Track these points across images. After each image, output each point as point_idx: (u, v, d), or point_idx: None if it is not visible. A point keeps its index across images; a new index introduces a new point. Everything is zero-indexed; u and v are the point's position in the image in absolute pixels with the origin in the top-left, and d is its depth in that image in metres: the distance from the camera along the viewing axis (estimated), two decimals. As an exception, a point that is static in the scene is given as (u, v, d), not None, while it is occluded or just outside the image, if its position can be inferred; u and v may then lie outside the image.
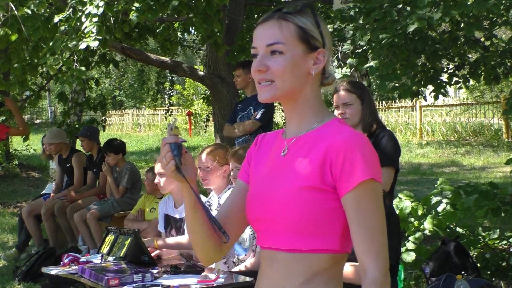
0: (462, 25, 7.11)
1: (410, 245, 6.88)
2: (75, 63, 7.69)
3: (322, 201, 2.18)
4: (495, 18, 7.00)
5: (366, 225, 2.15)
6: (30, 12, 7.96)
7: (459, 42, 7.55)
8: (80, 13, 7.45)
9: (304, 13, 2.30)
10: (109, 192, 9.27)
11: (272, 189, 2.27)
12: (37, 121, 39.54)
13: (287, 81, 2.25)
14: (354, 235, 2.17)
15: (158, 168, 6.10)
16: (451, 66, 8.03)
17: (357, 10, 6.86)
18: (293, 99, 2.31)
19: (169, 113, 18.95)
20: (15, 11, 7.71)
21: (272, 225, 2.25)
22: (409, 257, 6.81)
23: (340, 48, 7.28)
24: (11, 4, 7.68)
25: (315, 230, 2.19)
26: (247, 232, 5.23)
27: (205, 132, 28.17)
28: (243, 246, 5.27)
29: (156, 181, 6.12)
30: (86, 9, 7.36)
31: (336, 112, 5.23)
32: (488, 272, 6.95)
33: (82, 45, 7.27)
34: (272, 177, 2.31)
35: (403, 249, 6.75)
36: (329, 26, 7.41)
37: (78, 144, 11.40)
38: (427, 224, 6.91)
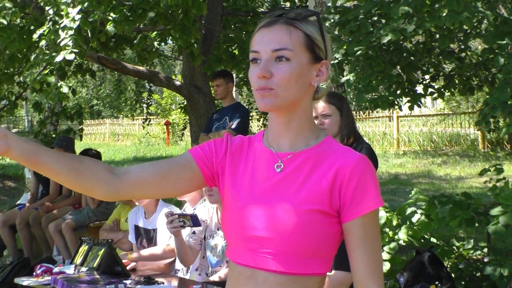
0: (437, 36, 7.17)
1: (384, 255, 6.89)
2: (57, 79, 7.68)
3: (326, 225, 2.12)
4: (468, 31, 7.06)
5: (371, 250, 2.13)
6: (5, 22, 7.92)
7: (433, 53, 7.60)
8: (57, 26, 7.43)
9: (310, 21, 2.19)
10: (84, 202, 9.23)
11: (273, 208, 2.14)
12: (14, 130, 39.33)
13: (290, 90, 2.12)
14: (357, 260, 2.14)
15: None
16: (426, 77, 8.09)
17: (332, 21, 6.90)
18: (291, 111, 2.19)
19: (147, 122, 18.88)
20: (-12, 22, 7.69)
21: (270, 245, 2.13)
22: (384, 267, 6.82)
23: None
24: (-16, 14, 7.66)
25: (314, 254, 2.13)
26: (221, 243, 5.23)
27: (181, 140, 28.09)
28: (216, 258, 5.27)
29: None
30: (63, 22, 7.34)
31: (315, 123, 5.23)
32: (463, 282, 6.98)
33: (58, 58, 7.25)
34: (271, 195, 2.17)
35: (377, 259, 6.76)
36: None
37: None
38: (402, 234, 6.92)
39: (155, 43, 12.18)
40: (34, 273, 5.70)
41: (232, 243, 2.26)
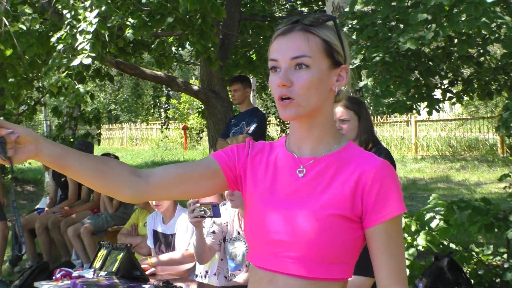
0: (456, 40, 7.14)
1: (403, 260, 6.87)
2: (74, 81, 7.70)
3: (348, 231, 2.10)
4: (487, 36, 7.03)
5: (395, 256, 2.12)
6: (24, 28, 7.97)
7: (452, 58, 7.57)
8: (75, 30, 7.46)
9: (328, 26, 2.18)
10: (102, 206, 9.26)
11: (295, 212, 2.14)
12: (32, 135, 39.44)
13: (311, 98, 2.12)
14: (381, 266, 2.13)
15: None
16: (445, 82, 8.05)
17: (350, 26, 6.88)
18: (313, 117, 2.18)
19: (166, 126, 18.93)
20: (8, 27, 7.72)
21: (290, 249, 2.13)
22: (403, 272, 6.79)
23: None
24: (5, 19, 7.69)
25: (336, 259, 2.11)
26: (241, 248, 5.22)
27: (198, 144, 28.16)
28: (235, 262, 5.26)
29: (154, 203, 6.09)
30: (80, 26, 7.37)
31: None
32: (481, 288, 6.96)
33: (75, 62, 7.28)
34: (293, 200, 2.17)
35: (396, 265, 6.74)
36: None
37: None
38: (421, 240, 6.89)
39: (173, 48, 12.22)
40: (54, 277, 5.72)
41: (253, 246, 2.26)
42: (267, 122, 16.59)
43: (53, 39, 7.90)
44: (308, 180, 2.18)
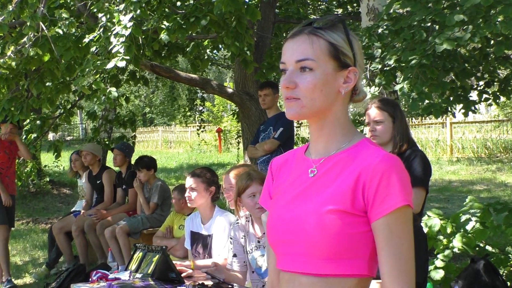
0: (492, 42, 7.08)
1: (439, 262, 6.84)
2: (106, 84, 7.75)
3: (351, 226, 2.09)
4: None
5: (396, 253, 2.08)
6: (61, 32, 8.04)
7: (489, 59, 7.50)
8: (109, 33, 7.51)
9: (336, 28, 2.20)
10: (139, 208, 9.32)
11: (300, 210, 2.18)
12: (68, 138, 39.90)
13: (316, 99, 2.16)
14: (382, 262, 2.09)
15: (190, 182, 6.11)
16: (481, 83, 7.99)
17: (385, 28, 6.86)
18: (322, 118, 2.22)
19: (201, 129, 19.00)
20: (46, 31, 7.79)
21: (297, 248, 2.16)
22: (438, 275, 6.76)
23: (368, 67, 7.27)
24: (42, 24, 7.77)
25: (342, 255, 2.10)
26: (262, 254, 5.21)
27: (238, 149, 28.30)
28: (263, 269, 5.23)
29: (186, 194, 6.13)
30: (115, 29, 7.42)
31: (367, 129, 5.20)
32: (519, 291, 6.90)
33: (110, 65, 7.33)
34: (300, 199, 2.21)
35: (432, 267, 6.71)
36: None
37: (108, 162, 11.46)
38: (456, 242, 6.86)
39: (208, 51, 12.24)
40: (90, 279, 5.76)
41: (273, 249, 2.31)
42: (299, 124, 16.64)
43: (85, 40, 7.96)
44: (316, 179, 2.22)
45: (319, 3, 15.51)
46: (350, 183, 2.12)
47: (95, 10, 7.89)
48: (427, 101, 6.40)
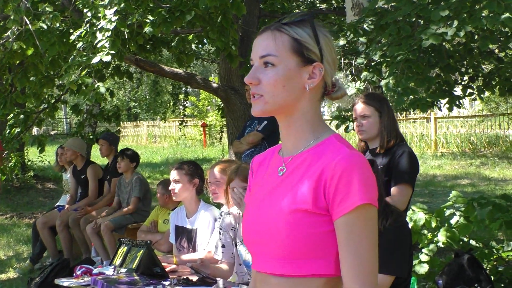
0: (476, 37, 7.10)
1: (423, 257, 6.85)
2: (94, 80, 7.71)
3: (314, 225, 2.08)
4: (510, 33, 6.99)
5: (356, 252, 2.05)
6: (45, 26, 8.00)
7: (473, 54, 7.53)
8: (94, 28, 7.49)
9: (302, 24, 2.19)
10: (116, 204, 9.32)
11: (268, 210, 2.18)
12: (52, 133, 39.74)
13: (278, 95, 2.15)
14: (342, 261, 2.07)
15: (173, 175, 6.11)
16: (465, 78, 8.01)
17: (370, 23, 6.86)
18: (288, 115, 2.21)
19: (184, 124, 18.96)
20: (29, 26, 7.75)
21: (266, 248, 2.16)
22: (422, 269, 6.78)
23: (353, 62, 7.28)
24: (25, 18, 7.73)
25: (307, 255, 2.09)
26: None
27: (220, 144, 28.26)
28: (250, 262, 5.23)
29: (171, 187, 6.13)
30: (100, 23, 7.39)
31: (354, 125, 5.19)
32: (502, 285, 6.91)
33: (95, 60, 7.30)
34: (268, 198, 2.21)
35: (416, 261, 6.73)
36: (342, 39, 7.42)
37: (93, 156, 11.42)
38: (441, 236, 6.88)
39: (193, 45, 12.22)
40: (74, 274, 5.74)
41: (248, 250, 2.32)
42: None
43: (72, 37, 7.93)
44: (284, 178, 2.21)
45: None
46: (312, 182, 2.10)
47: (80, 5, 7.85)
48: (412, 96, 6.41)
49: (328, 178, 2.07)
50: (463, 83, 7.94)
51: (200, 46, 13.20)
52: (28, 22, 7.76)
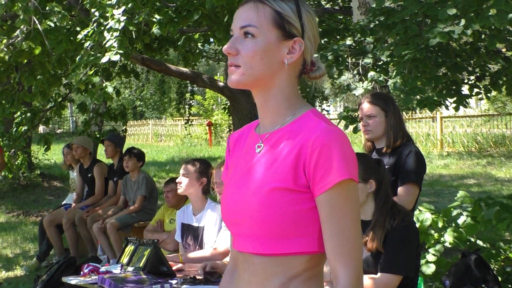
0: (483, 36, 7.08)
1: (430, 257, 6.84)
2: (102, 79, 7.72)
3: (295, 203, 2.05)
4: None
5: (339, 228, 2.03)
6: (52, 25, 8.01)
7: (480, 53, 7.51)
8: (102, 28, 7.49)
9: None
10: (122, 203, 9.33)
11: (246, 189, 2.14)
12: (58, 131, 39.78)
13: (256, 67, 2.12)
14: (325, 238, 2.05)
15: (184, 168, 6.13)
16: (472, 77, 7.99)
17: (377, 23, 6.85)
18: (265, 89, 2.17)
19: (189, 123, 18.96)
20: (38, 25, 7.76)
21: (245, 228, 2.13)
22: (429, 269, 6.77)
23: (360, 62, 7.26)
24: (34, 17, 7.74)
25: (289, 233, 2.06)
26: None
27: (224, 141, 28.22)
28: None
29: (178, 180, 6.14)
30: (108, 23, 7.40)
31: (361, 124, 5.17)
32: (510, 286, 6.89)
33: (104, 59, 7.31)
34: (246, 177, 2.18)
35: (423, 261, 6.72)
36: (348, 38, 7.41)
37: (99, 155, 11.42)
38: (448, 237, 6.86)
39: (199, 44, 12.21)
40: (81, 272, 5.75)
41: (229, 230, 2.29)
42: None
43: (79, 36, 7.94)
44: (261, 155, 2.18)
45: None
46: (292, 159, 2.08)
47: (87, 5, 7.86)
48: (419, 96, 6.40)
49: (307, 155, 2.04)
50: (470, 82, 7.91)
51: (207, 45, 13.17)
52: (36, 22, 7.76)
